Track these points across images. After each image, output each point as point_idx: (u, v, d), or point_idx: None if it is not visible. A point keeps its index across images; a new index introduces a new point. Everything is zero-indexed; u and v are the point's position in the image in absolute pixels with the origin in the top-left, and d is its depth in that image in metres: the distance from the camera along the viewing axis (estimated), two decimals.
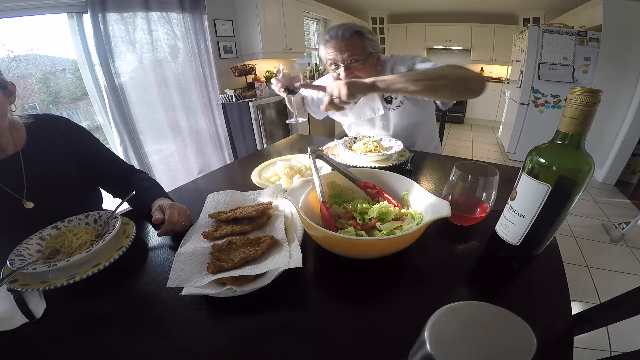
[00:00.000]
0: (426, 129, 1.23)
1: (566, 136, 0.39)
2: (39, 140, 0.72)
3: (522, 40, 3.19)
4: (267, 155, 1.13)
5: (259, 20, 2.89)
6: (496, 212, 0.53)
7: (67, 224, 0.64)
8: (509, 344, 0.18)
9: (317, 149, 0.68)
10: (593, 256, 1.80)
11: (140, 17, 2.11)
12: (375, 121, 1.18)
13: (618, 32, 2.60)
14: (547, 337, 0.41)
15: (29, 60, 1.86)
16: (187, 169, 2.68)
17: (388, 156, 0.96)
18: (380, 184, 0.66)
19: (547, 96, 3.05)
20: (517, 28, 4.14)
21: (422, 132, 1.22)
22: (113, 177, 0.82)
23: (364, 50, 0.98)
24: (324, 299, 0.49)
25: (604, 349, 1.23)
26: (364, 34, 0.98)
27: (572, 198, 0.40)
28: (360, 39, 0.98)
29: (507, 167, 0.92)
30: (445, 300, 0.31)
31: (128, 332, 0.43)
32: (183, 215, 0.65)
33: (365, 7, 4.89)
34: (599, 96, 0.35)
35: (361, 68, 0.99)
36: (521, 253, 0.48)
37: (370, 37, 1.00)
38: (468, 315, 0.20)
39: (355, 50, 0.97)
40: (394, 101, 1.11)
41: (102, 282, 0.52)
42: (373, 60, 1.02)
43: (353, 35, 0.97)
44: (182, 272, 0.49)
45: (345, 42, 0.96)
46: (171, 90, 2.42)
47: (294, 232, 0.59)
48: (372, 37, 1.00)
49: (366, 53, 0.99)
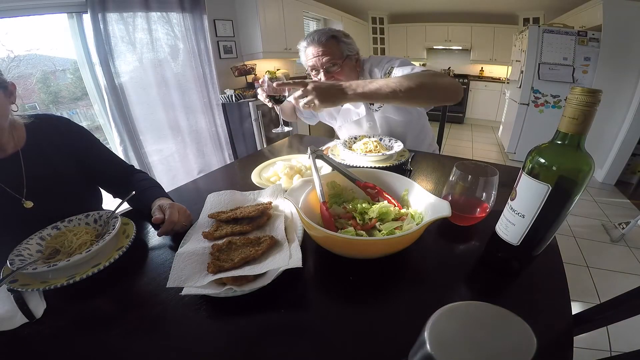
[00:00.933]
0: (416, 127, 1.21)
1: (566, 136, 0.39)
2: (38, 140, 0.72)
3: (522, 40, 3.19)
4: (267, 155, 1.13)
5: (259, 20, 2.89)
6: (496, 212, 0.53)
7: (67, 224, 0.64)
8: (509, 344, 0.18)
9: (317, 149, 0.68)
10: (593, 256, 1.80)
11: (140, 17, 2.11)
12: (362, 122, 1.18)
13: (618, 32, 2.60)
14: (547, 337, 0.41)
15: (29, 60, 1.86)
16: (187, 169, 2.68)
17: (388, 156, 0.96)
18: (380, 184, 0.66)
19: (547, 96, 3.05)
20: (517, 28, 4.14)
21: (412, 131, 1.20)
22: (113, 177, 0.82)
23: (341, 54, 1.01)
24: (324, 299, 0.49)
25: (604, 349, 1.23)
26: (339, 38, 1.01)
27: (572, 198, 0.40)
28: (337, 42, 1.00)
29: (507, 167, 0.92)
30: (445, 300, 0.31)
31: (128, 332, 0.43)
32: (183, 215, 0.65)
33: (365, 7, 4.89)
34: (599, 96, 0.35)
35: (340, 71, 1.02)
36: (521, 253, 0.48)
37: (345, 40, 1.02)
38: (468, 315, 0.20)
39: (333, 54, 0.99)
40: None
41: (102, 282, 0.52)
42: (351, 63, 1.05)
43: (329, 39, 1.00)
44: (182, 272, 0.49)
45: (322, 47, 0.99)
46: (171, 90, 2.42)
47: (294, 232, 0.59)
48: (348, 40, 1.03)
49: (343, 56, 1.01)
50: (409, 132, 1.19)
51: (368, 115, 1.15)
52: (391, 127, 1.16)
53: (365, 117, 1.16)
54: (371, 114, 1.15)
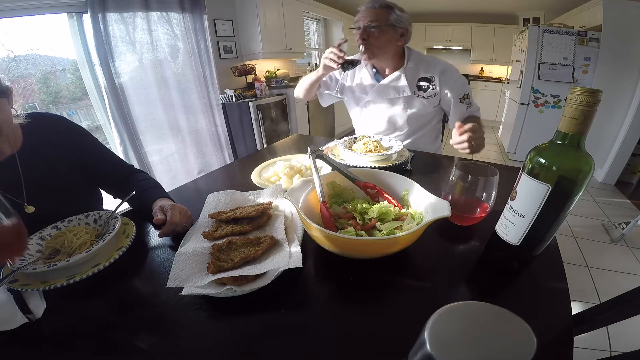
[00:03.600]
0: (433, 128, 1.28)
1: (566, 136, 0.39)
2: (35, 141, 0.69)
3: (522, 40, 3.19)
4: (267, 155, 1.13)
5: (259, 20, 2.89)
6: (496, 212, 0.53)
7: (67, 224, 0.64)
8: (509, 344, 0.18)
9: (317, 149, 0.68)
10: (593, 256, 1.80)
11: (140, 17, 2.11)
12: (397, 102, 1.19)
13: (618, 32, 2.60)
14: (547, 337, 0.41)
15: (29, 60, 1.86)
16: (187, 169, 2.68)
17: (388, 156, 0.96)
18: (380, 184, 0.66)
19: (547, 96, 3.05)
20: (517, 28, 4.14)
21: (430, 130, 1.27)
22: (113, 177, 0.81)
23: (386, 21, 1.04)
24: (324, 299, 0.49)
25: (604, 349, 1.23)
26: (393, 9, 1.06)
27: (572, 198, 0.40)
28: (388, 11, 1.04)
29: (507, 167, 0.92)
30: (445, 300, 0.31)
31: (128, 332, 0.43)
32: (184, 216, 0.65)
33: None
34: (599, 96, 0.35)
35: (378, 34, 1.04)
36: (521, 253, 0.48)
37: (398, 12, 1.06)
38: (468, 315, 0.20)
39: (379, 20, 1.03)
40: (429, 90, 1.14)
41: (102, 282, 0.52)
42: (394, 34, 1.07)
43: (383, 7, 1.04)
44: (182, 272, 0.49)
45: (374, 12, 1.04)
46: (171, 90, 2.42)
47: (294, 232, 0.59)
48: (401, 13, 1.06)
49: (388, 23, 1.04)
50: (428, 130, 1.26)
51: (408, 99, 1.16)
52: (420, 117, 1.20)
53: (404, 99, 1.17)
54: (412, 98, 1.16)
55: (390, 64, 1.15)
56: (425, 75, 1.13)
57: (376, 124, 1.26)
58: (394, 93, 1.17)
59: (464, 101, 1.12)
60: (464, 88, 1.13)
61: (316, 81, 1.20)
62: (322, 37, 4.70)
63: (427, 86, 1.14)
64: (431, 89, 1.14)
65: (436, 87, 1.13)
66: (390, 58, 1.13)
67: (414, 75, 1.14)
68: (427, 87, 1.14)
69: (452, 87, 1.11)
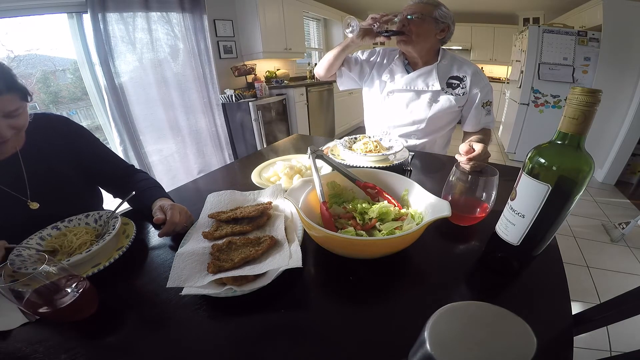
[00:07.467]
0: (446, 134, 1.30)
1: (566, 136, 0.39)
2: (37, 140, 0.71)
3: (522, 40, 3.19)
4: (267, 155, 1.13)
5: (259, 20, 2.89)
6: (496, 212, 0.53)
7: (67, 224, 0.64)
8: (509, 344, 0.18)
9: (317, 149, 0.68)
10: (593, 256, 1.80)
11: (140, 17, 2.11)
12: (424, 95, 1.18)
13: (618, 32, 2.60)
14: (547, 337, 0.41)
15: (29, 60, 1.86)
16: (187, 169, 2.68)
17: (388, 156, 0.96)
18: (380, 184, 0.66)
19: (547, 96, 3.05)
20: (517, 28, 4.14)
21: (443, 136, 1.28)
22: (113, 177, 0.82)
23: (429, 13, 1.05)
24: (323, 299, 0.49)
25: (604, 349, 1.23)
26: (439, 5, 1.07)
27: (572, 198, 0.41)
28: (434, 6, 1.06)
29: (507, 167, 0.92)
30: (445, 300, 0.31)
31: (128, 332, 0.43)
32: (184, 216, 0.65)
33: (365, 7, 4.89)
34: (599, 96, 0.35)
35: (418, 23, 1.04)
36: (521, 253, 0.48)
37: (444, 8, 1.07)
38: (468, 315, 0.20)
39: (423, 11, 1.04)
40: (459, 89, 1.13)
41: (102, 282, 0.52)
42: (435, 26, 1.07)
43: (429, 3, 1.06)
44: (182, 272, 0.49)
45: (420, 5, 1.06)
46: (171, 90, 2.42)
47: (294, 232, 0.59)
48: (445, 10, 1.08)
49: (431, 15, 1.05)
50: (445, 131, 1.26)
51: (435, 94, 1.15)
52: (443, 116, 1.19)
53: (432, 93, 1.15)
54: (439, 94, 1.15)
55: (424, 56, 1.14)
56: (457, 74, 1.13)
57: (397, 114, 1.23)
58: (422, 85, 1.16)
59: (485, 107, 1.13)
60: (490, 95, 1.14)
61: (343, 51, 1.15)
62: (322, 37, 4.70)
63: (457, 84, 1.14)
64: (461, 87, 1.14)
65: (466, 86, 1.12)
66: (425, 50, 1.12)
67: (445, 73, 1.14)
68: (456, 85, 1.14)
69: (481, 89, 1.12)
